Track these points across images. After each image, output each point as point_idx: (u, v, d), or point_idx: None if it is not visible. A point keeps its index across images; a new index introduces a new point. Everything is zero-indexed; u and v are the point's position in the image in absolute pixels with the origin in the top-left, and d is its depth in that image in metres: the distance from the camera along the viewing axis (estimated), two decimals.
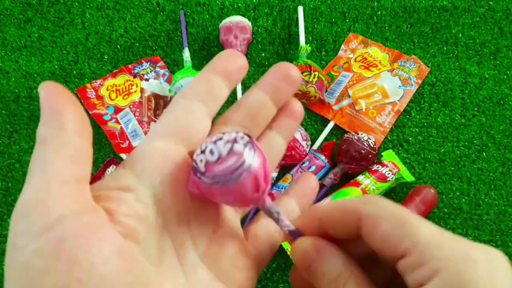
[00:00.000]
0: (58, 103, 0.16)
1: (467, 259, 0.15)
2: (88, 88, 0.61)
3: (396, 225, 0.17)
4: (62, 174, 0.16)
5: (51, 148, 0.16)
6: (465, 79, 0.63)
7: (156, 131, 0.20)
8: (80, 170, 0.16)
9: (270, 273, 0.53)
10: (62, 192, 0.15)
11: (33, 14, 0.68)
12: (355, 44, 0.65)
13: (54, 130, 0.16)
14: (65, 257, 0.14)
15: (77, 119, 0.17)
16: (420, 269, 0.16)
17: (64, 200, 0.15)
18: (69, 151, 0.16)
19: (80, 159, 0.17)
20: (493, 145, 0.59)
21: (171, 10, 0.68)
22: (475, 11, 0.66)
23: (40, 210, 0.15)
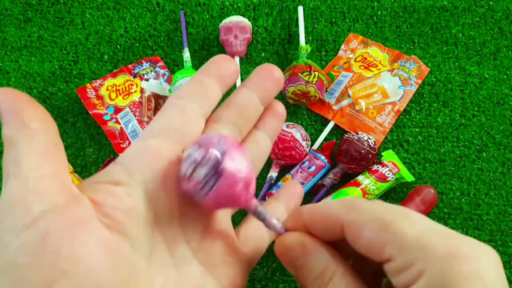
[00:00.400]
0: (17, 103, 0.16)
1: (452, 257, 0.15)
2: (88, 88, 0.61)
3: (378, 231, 0.17)
4: (37, 170, 0.16)
5: (20, 147, 0.16)
6: (465, 79, 0.63)
7: (151, 129, 0.20)
8: (55, 163, 0.16)
9: (270, 273, 0.53)
10: (41, 187, 0.15)
11: (33, 14, 0.68)
12: (355, 44, 0.65)
13: (19, 130, 0.16)
14: (49, 251, 0.14)
15: (38, 115, 0.17)
16: (404, 272, 0.16)
17: (44, 195, 0.15)
18: (39, 147, 0.16)
19: (52, 153, 0.17)
20: (493, 145, 0.59)
21: (171, 10, 0.68)
22: (475, 11, 0.66)
23: (22, 207, 0.15)
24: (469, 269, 0.15)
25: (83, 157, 0.59)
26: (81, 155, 0.59)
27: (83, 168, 0.58)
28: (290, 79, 0.56)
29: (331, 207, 0.19)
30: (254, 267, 0.19)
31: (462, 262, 0.15)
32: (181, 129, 0.20)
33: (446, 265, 0.15)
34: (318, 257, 0.19)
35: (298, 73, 0.56)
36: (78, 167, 0.58)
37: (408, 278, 0.16)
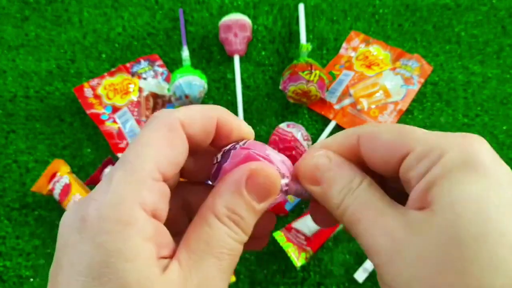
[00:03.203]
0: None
1: (472, 140, 0.16)
2: (86, 87, 0.61)
3: (394, 132, 0.18)
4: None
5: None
6: (468, 78, 0.62)
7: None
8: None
9: (271, 275, 0.52)
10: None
11: (30, 13, 0.67)
12: (357, 43, 0.64)
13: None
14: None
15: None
16: (425, 158, 0.16)
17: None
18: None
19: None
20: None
21: (169, 8, 0.67)
22: (478, 10, 0.66)
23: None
24: (488, 152, 0.16)
25: (80, 157, 0.58)
26: (78, 155, 0.58)
27: (80, 168, 0.57)
28: (290, 78, 0.56)
29: (344, 130, 0.20)
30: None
31: (481, 144, 0.16)
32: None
33: (467, 146, 0.16)
34: (346, 167, 0.19)
35: (299, 72, 0.55)
36: (75, 167, 0.57)
37: (428, 162, 0.16)
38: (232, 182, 0.18)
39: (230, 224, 0.18)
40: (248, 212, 0.18)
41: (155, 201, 0.17)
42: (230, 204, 0.18)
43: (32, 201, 0.56)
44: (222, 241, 0.17)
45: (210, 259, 0.17)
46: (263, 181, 0.19)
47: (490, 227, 0.14)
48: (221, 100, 0.61)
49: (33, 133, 0.59)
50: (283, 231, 0.51)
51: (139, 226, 0.16)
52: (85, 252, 0.15)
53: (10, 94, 0.62)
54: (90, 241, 0.15)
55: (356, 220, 0.18)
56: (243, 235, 0.18)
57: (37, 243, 0.54)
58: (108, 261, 0.15)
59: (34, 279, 0.52)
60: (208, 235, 0.17)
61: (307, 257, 0.49)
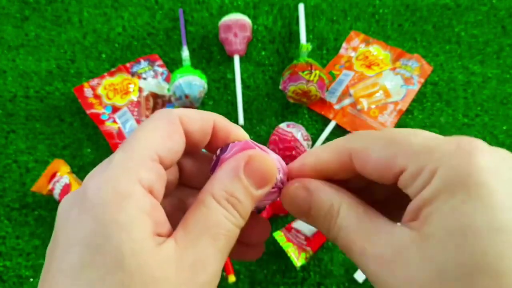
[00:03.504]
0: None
1: (463, 151, 0.15)
2: (86, 87, 0.61)
3: (384, 147, 0.17)
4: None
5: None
6: (468, 78, 0.62)
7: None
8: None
9: (271, 275, 0.52)
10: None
11: (30, 13, 0.67)
12: (357, 43, 0.64)
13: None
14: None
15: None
16: (419, 177, 0.16)
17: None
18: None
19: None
20: (496, 145, 0.58)
21: (169, 8, 0.67)
22: (478, 10, 0.66)
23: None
24: (486, 159, 0.15)
25: (80, 157, 0.58)
26: (78, 155, 0.58)
27: (80, 168, 0.57)
28: (290, 78, 0.56)
29: (333, 144, 0.20)
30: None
31: (476, 154, 0.15)
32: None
33: (457, 160, 0.15)
34: (321, 195, 0.19)
35: (299, 72, 0.55)
36: (75, 167, 0.57)
37: (422, 181, 0.16)
38: (231, 167, 0.19)
39: (227, 206, 0.18)
40: (246, 196, 0.19)
41: (152, 179, 0.17)
42: (228, 187, 0.18)
43: (32, 201, 0.56)
44: (219, 221, 0.18)
45: (207, 239, 0.17)
46: (260, 167, 0.19)
47: (482, 261, 0.14)
48: (221, 100, 0.61)
49: (33, 133, 0.59)
50: (283, 231, 0.51)
51: (136, 199, 0.16)
52: (83, 223, 0.16)
53: (10, 94, 0.62)
54: (88, 213, 0.16)
55: (348, 248, 0.18)
56: (240, 218, 0.19)
57: (37, 243, 0.54)
58: (104, 231, 0.15)
59: (34, 279, 0.52)
60: (206, 216, 0.18)
61: (307, 257, 0.49)
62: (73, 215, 0.16)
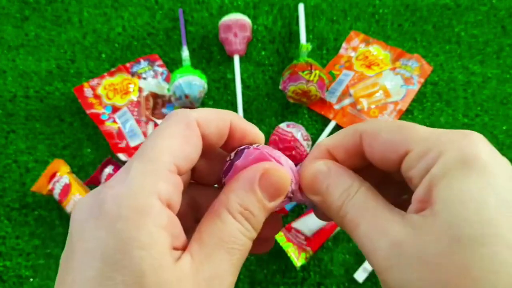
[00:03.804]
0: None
1: (469, 138, 0.16)
2: (86, 87, 0.61)
3: (394, 131, 0.18)
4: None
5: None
6: (468, 78, 0.62)
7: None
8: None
9: (271, 275, 0.52)
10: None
11: (30, 13, 0.67)
12: (357, 43, 0.64)
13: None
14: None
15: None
16: (424, 157, 0.17)
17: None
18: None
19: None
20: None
21: (169, 8, 0.67)
22: (478, 10, 0.66)
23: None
24: (484, 149, 0.16)
25: (80, 157, 0.58)
26: (78, 155, 0.58)
27: (80, 168, 0.57)
28: (290, 78, 0.56)
29: (346, 128, 0.20)
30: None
31: (480, 141, 0.16)
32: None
33: (465, 143, 0.16)
34: (345, 174, 0.20)
35: (299, 72, 0.55)
36: (75, 167, 0.57)
37: (428, 161, 0.16)
38: (246, 179, 0.19)
39: (242, 220, 0.18)
40: (260, 210, 0.19)
41: (170, 192, 0.17)
42: (243, 201, 0.19)
43: (32, 201, 0.56)
44: (234, 236, 0.18)
45: (222, 254, 0.17)
46: (275, 181, 0.19)
47: (490, 228, 0.14)
48: (221, 100, 0.61)
49: (33, 133, 0.59)
50: (283, 231, 0.51)
51: (155, 215, 0.16)
52: (101, 239, 0.15)
53: (10, 94, 0.62)
54: (107, 227, 0.16)
55: (355, 225, 0.18)
56: (253, 231, 0.19)
57: (37, 243, 0.54)
58: (123, 248, 0.15)
59: (34, 279, 0.52)
60: (221, 230, 0.18)
61: (307, 257, 0.49)
62: (89, 227, 0.16)
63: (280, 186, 0.19)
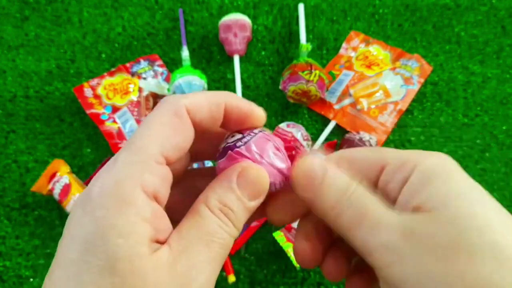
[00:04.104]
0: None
1: (439, 156, 0.19)
2: (86, 87, 0.61)
3: (368, 150, 0.20)
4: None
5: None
6: (468, 78, 0.62)
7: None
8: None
9: (271, 275, 0.52)
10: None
11: (30, 13, 0.67)
12: (357, 43, 0.64)
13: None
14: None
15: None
16: (400, 169, 0.19)
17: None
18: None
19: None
20: (496, 145, 0.58)
21: (169, 8, 0.67)
22: (478, 10, 0.66)
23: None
24: (454, 166, 0.19)
25: (80, 157, 0.58)
26: (78, 155, 0.58)
27: (80, 168, 0.57)
28: (290, 78, 0.56)
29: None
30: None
31: (448, 158, 0.19)
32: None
33: (435, 160, 0.18)
34: (340, 172, 0.20)
35: (299, 72, 0.55)
36: (75, 167, 0.57)
37: (404, 173, 0.18)
38: (224, 178, 0.19)
39: (221, 215, 0.18)
40: (239, 207, 0.19)
41: (156, 184, 0.17)
42: (221, 197, 0.19)
43: (32, 201, 0.56)
44: (212, 230, 0.18)
45: (200, 246, 0.17)
46: (252, 179, 0.19)
47: (486, 220, 0.16)
48: None
49: (33, 133, 0.59)
50: (283, 231, 0.51)
51: (137, 206, 0.16)
52: (84, 225, 0.16)
53: (10, 94, 0.62)
54: (90, 215, 0.16)
55: (352, 224, 0.18)
56: (233, 228, 0.19)
57: (37, 243, 0.54)
58: (103, 234, 0.16)
59: (34, 279, 0.52)
60: (199, 224, 0.18)
61: None
62: (77, 215, 0.17)
63: (258, 185, 0.20)
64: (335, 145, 0.57)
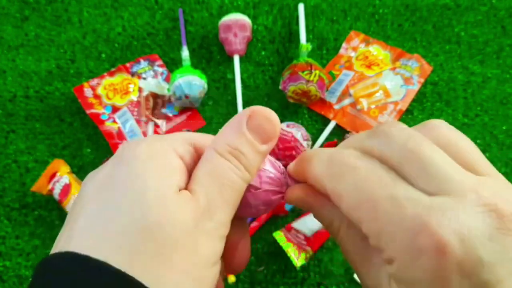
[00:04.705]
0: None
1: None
2: (86, 87, 0.60)
3: (355, 202, 0.18)
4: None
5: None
6: (468, 78, 0.62)
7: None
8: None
9: (271, 275, 0.52)
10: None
11: (30, 13, 0.67)
12: (357, 43, 0.64)
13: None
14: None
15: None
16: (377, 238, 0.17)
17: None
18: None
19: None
20: (496, 145, 0.58)
21: (169, 8, 0.67)
22: (478, 10, 0.66)
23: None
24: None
25: (80, 157, 0.58)
26: (78, 155, 0.58)
27: (80, 168, 0.57)
28: (290, 78, 0.56)
29: (315, 171, 0.19)
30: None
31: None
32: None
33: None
34: (322, 210, 0.20)
35: (299, 72, 0.55)
36: (75, 167, 0.57)
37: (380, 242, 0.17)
38: (234, 122, 0.19)
39: (231, 158, 0.19)
40: (250, 150, 0.19)
41: (185, 152, 0.19)
42: (231, 141, 0.19)
43: (32, 201, 0.56)
44: (223, 172, 0.18)
45: (213, 189, 0.18)
46: (263, 122, 0.19)
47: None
48: (221, 100, 0.61)
49: (33, 133, 0.59)
50: (283, 231, 0.51)
51: (169, 157, 0.18)
52: (118, 171, 0.18)
53: (10, 94, 0.62)
54: (123, 162, 0.18)
55: (345, 252, 0.20)
56: (245, 172, 0.19)
57: (37, 243, 0.54)
58: (134, 177, 0.17)
59: None
60: (210, 168, 0.18)
61: (307, 257, 0.49)
62: (107, 167, 0.18)
63: (269, 127, 0.20)
64: (335, 145, 0.57)
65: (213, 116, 0.61)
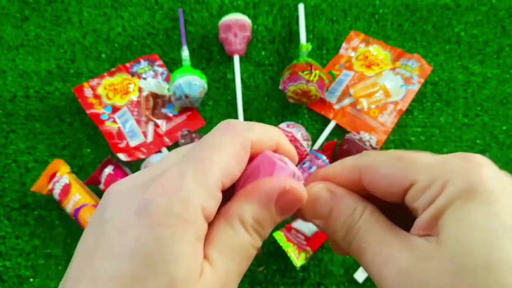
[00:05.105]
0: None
1: (470, 165, 0.16)
2: (86, 87, 0.60)
3: (396, 163, 0.18)
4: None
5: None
6: (468, 78, 0.62)
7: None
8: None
9: (271, 275, 0.52)
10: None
11: (30, 13, 0.67)
12: (357, 43, 0.64)
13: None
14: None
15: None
16: (428, 189, 0.17)
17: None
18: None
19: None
20: (496, 145, 0.58)
21: (169, 8, 0.67)
22: (478, 10, 0.66)
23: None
24: (494, 172, 0.16)
25: (80, 157, 0.58)
26: (78, 155, 0.58)
27: (80, 168, 0.57)
28: (290, 78, 0.56)
29: (344, 161, 0.20)
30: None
31: (483, 166, 0.16)
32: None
33: (469, 172, 0.16)
34: (347, 198, 0.20)
35: (299, 72, 0.55)
36: (75, 167, 0.57)
37: (432, 193, 0.16)
38: (263, 195, 0.19)
39: (253, 233, 0.19)
40: (270, 224, 0.19)
41: (212, 208, 0.17)
42: (258, 215, 0.19)
43: (32, 201, 0.56)
44: (244, 248, 0.18)
45: (233, 264, 0.18)
46: (291, 201, 0.19)
47: (495, 254, 0.15)
48: (221, 100, 0.61)
49: (33, 133, 0.59)
50: (283, 231, 0.51)
51: (197, 228, 0.17)
52: (143, 239, 0.16)
53: (10, 94, 0.62)
54: (151, 229, 0.16)
55: (361, 251, 0.18)
56: (260, 243, 0.19)
57: (37, 243, 0.54)
58: (164, 253, 0.15)
59: (34, 279, 0.52)
60: (233, 241, 0.18)
61: (307, 257, 0.49)
62: (131, 222, 0.16)
63: (295, 205, 0.19)
64: (335, 145, 0.57)
65: (213, 116, 0.61)
